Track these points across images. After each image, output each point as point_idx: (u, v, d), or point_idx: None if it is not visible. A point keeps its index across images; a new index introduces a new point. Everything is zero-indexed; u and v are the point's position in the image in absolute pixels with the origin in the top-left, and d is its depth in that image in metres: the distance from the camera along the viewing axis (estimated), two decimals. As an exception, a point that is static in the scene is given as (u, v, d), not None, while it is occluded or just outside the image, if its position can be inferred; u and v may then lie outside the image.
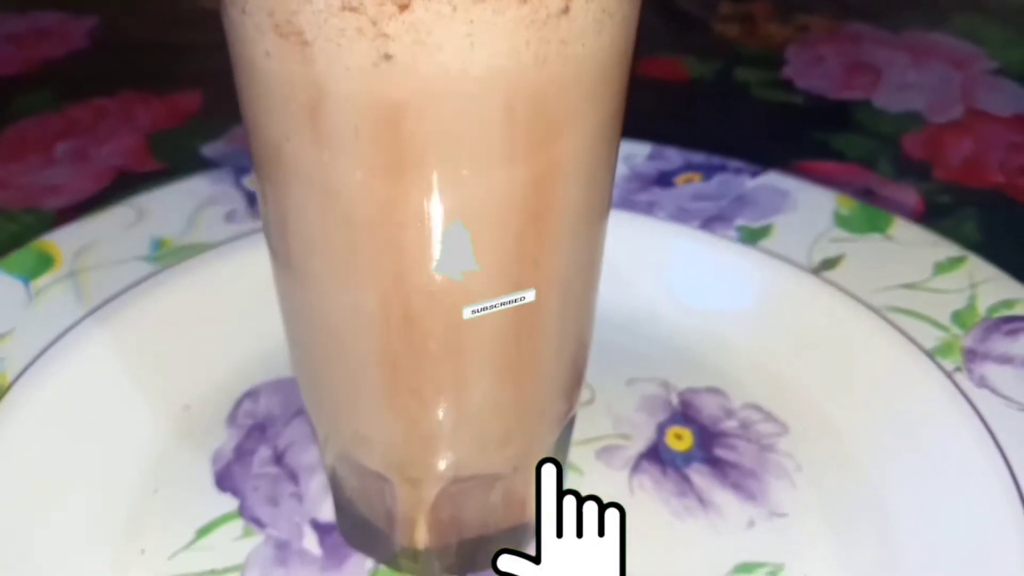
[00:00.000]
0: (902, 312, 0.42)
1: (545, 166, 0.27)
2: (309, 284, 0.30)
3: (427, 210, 0.27)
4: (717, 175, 0.51)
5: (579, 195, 0.29)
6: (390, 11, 0.23)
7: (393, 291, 0.29)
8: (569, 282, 0.31)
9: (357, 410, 0.33)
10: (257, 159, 0.29)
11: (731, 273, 0.47)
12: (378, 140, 0.25)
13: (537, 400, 0.33)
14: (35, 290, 0.44)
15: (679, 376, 0.45)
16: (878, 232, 0.46)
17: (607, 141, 0.29)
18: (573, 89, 0.26)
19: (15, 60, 0.79)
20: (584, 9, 0.25)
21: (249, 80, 0.27)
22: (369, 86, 0.24)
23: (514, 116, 0.25)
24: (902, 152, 0.65)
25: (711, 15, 0.84)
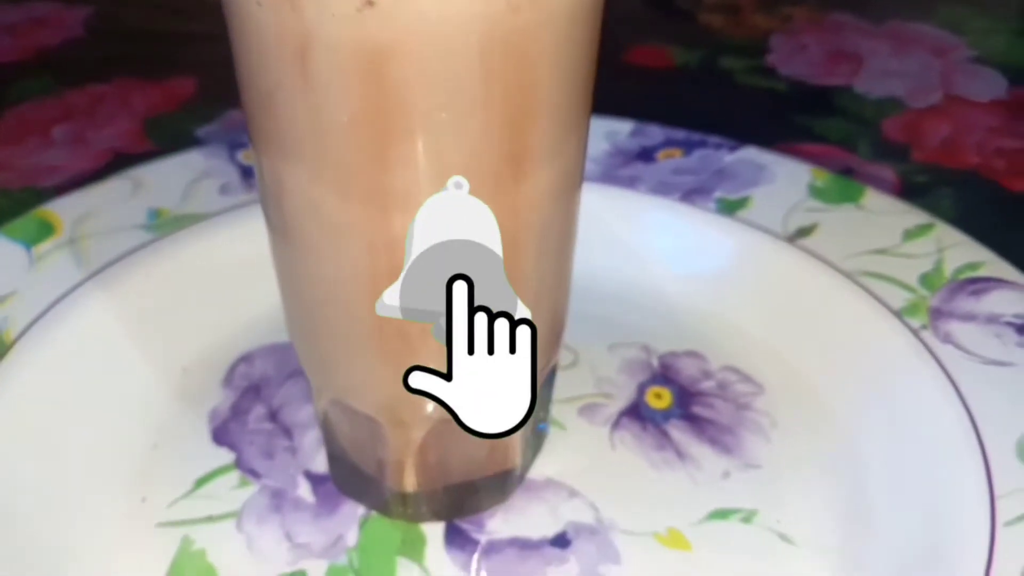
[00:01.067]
0: (872, 276, 0.44)
1: (519, 108, 0.29)
2: (302, 230, 0.32)
3: (409, 153, 0.29)
4: (697, 150, 0.53)
5: (553, 138, 0.31)
6: (377, -42, 0.25)
7: (379, 234, 0.31)
8: (545, 228, 0.33)
9: (348, 356, 0.35)
10: (250, 112, 0.31)
11: (710, 242, 0.49)
12: (363, 84, 0.28)
13: None
14: (36, 255, 0.46)
15: (659, 340, 0.47)
16: (851, 202, 0.49)
17: (580, 84, 0.31)
18: (545, 33, 0.28)
19: (11, 48, 0.81)
20: (559, -37, 0.27)
21: (242, 32, 0.29)
22: (353, 32, 0.27)
23: (489, 60, 0.28)
24: (882, 135, 0.67)
25: (697, 5, 0.86)
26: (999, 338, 0.40)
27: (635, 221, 0.50)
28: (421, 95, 0.28)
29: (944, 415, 0.38)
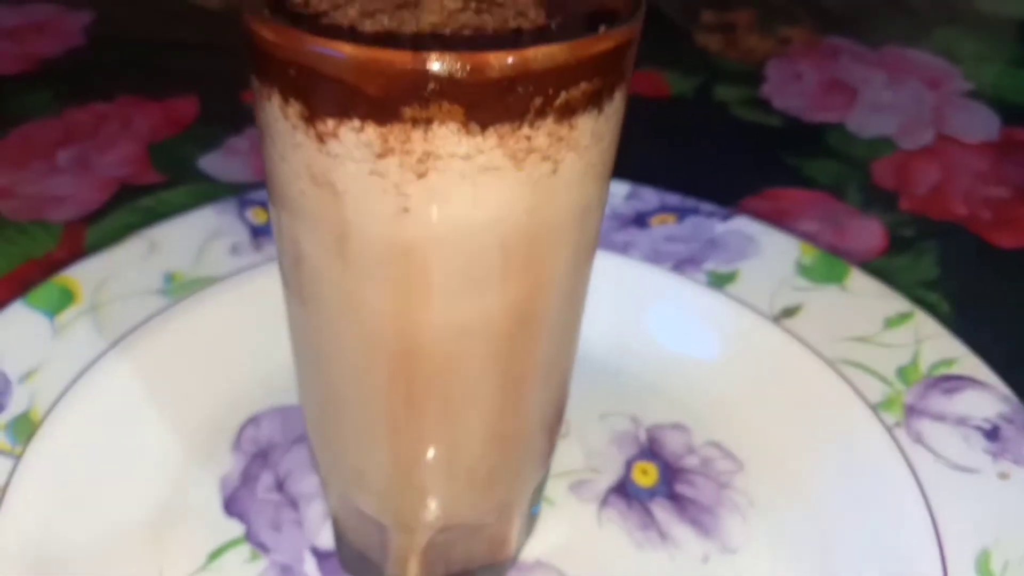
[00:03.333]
0: (853, 365, 0.49)
1: (533, 280, 0.33)
2: (327, 361, 0.37)
3: (431, 320, 0.33)
4: (690, 217, 0.57)
5: (562, 299, 0.35)
6: (410, 178, 0.29)
7: (399, 374, 0.35)
8: (551, 364, 0.37)
9: (357, 449, 0.39)
10: (285, 265, 0.35)
11: (699, 317, 0.53)
12: (395, 266, 0.32)
13: (520, 440, 0.40)
14: (59, 324, 0.50)
15: (648, 411, 0.52)
16: (836, 283, 0.53)
17: (586, 260, 0.35)
18: (559, 227, 0.32)
19: (12, 57, 0.84)
20: (571, 168, 0.31)
21: (283, 203, 0.33)
22: (389, 229, 0.31)
23: (507, 251, 0.32)
24: (871, 179, 0.71)
25: (693, 24, 0.90)
26: (967, 441, 0.45)
27: (629, 290, 0.54)
28: (446, 275, 0.32)
29: (910, 520, 0.42)
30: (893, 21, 0.92)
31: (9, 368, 0.48)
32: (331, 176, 0.30)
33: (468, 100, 0.28)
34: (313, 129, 0.29)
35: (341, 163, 0.29)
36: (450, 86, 0.27)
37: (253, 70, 0.31)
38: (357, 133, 0.29)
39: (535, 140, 0.29)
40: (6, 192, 0.68)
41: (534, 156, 0.29)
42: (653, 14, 0.85)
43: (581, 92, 0.29)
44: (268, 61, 0.29)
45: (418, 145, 0.28)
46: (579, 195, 0.32)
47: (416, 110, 0.28)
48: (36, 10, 0.90)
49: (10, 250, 0.62)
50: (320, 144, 0.29)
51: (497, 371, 0.36)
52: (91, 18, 0.89)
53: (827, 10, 0.92)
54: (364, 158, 0.29)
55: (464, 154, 0.29)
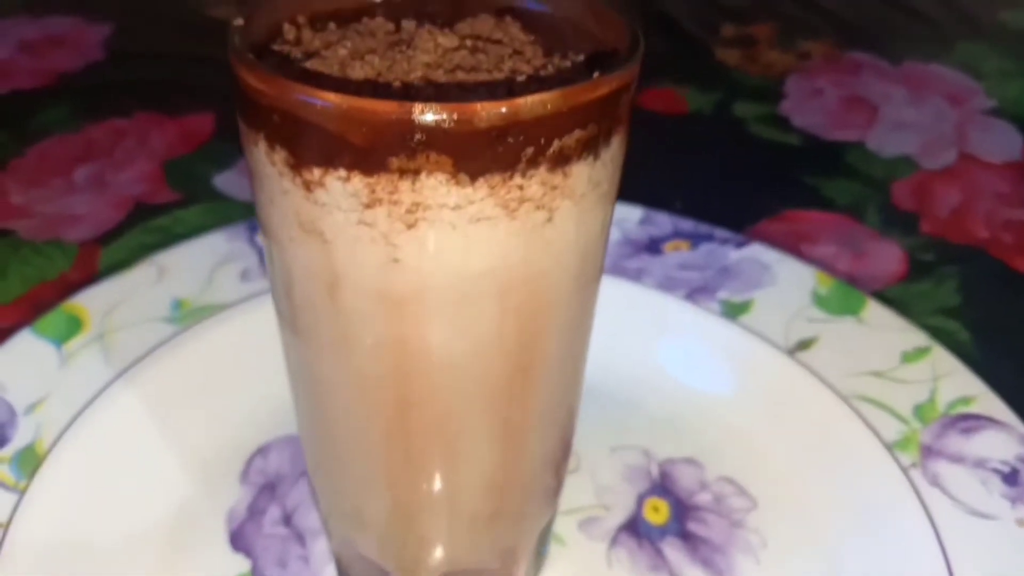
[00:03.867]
0: (868, 401, 0.47)
1: (532, 331, 0.32)
2: (323, 406, 0.35)
3: (426, 369, 0.31)
4: (704, 244, 0.56)
5: (562, 347, 0.33)
6: (399, 228, 0.28)
7: (395, 424, 0.33)
8: (551, 412, 0.36)
9: (356, 493, 0.38)
10: (281, 312, 0.34)
11: (713, 348, 0.51)
12: (387, 317, 0.30)
13: (524, 484, 0.38)
14: (67, 353, 0.49)
15: (660, 445, 0.50)
16: (852, 314, 0.51)
17: (588, 301, 0.34)
18: (556, 275, 0.31)
19: (32, 72, 0.83)
20: (567, 216, 0.29)
21: (274, 245, 0.31)
22: (380, 279, 0.29)
23: (503, 300, 0.30)
24: (891, 200, 0.69)
25: (713, 38, 0.87)
26: (984, 485, 0.43)
27: (642, 319, 0.53)
28: (440, 328, 0.30)
29: (925, 568, 0.40)
30: (914, 35, 0.89)
31: (15, 399, 0.47)
32: (319, 225, 0.28)
33: (456, 151, 0.26)
34: (299, 177, 0.28)
35: (329, 212, 0.28)
36: (437, 136, 0.26)
37: (240, 113, 0.29)
38: (343, 183, 0.27)
39: (528, 190, 0.27)
40: (23, 211, 0.67)
41: (527, 205, 0.28)
42: (671, 27, 0.83)
43: (575, 140, 0.28)
44: (253, 106, 0.28)
45: (406, 196, 0.27)
46: (577, 242, 0.30)
47: (403, 161, 0.26)
48: (56, 23, 0.90)
49: (25, 271, 0.61)
50: (307, 192, 0.28)
51: (497, 419, 0.34)
52: (111, 31, 0.88)
53: (848, 23, 0.89)
54: (351, 208, 0.27)
55: (454, 205, 0.27)
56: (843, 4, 0.93)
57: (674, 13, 0.92)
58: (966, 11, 0.92)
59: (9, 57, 0.85)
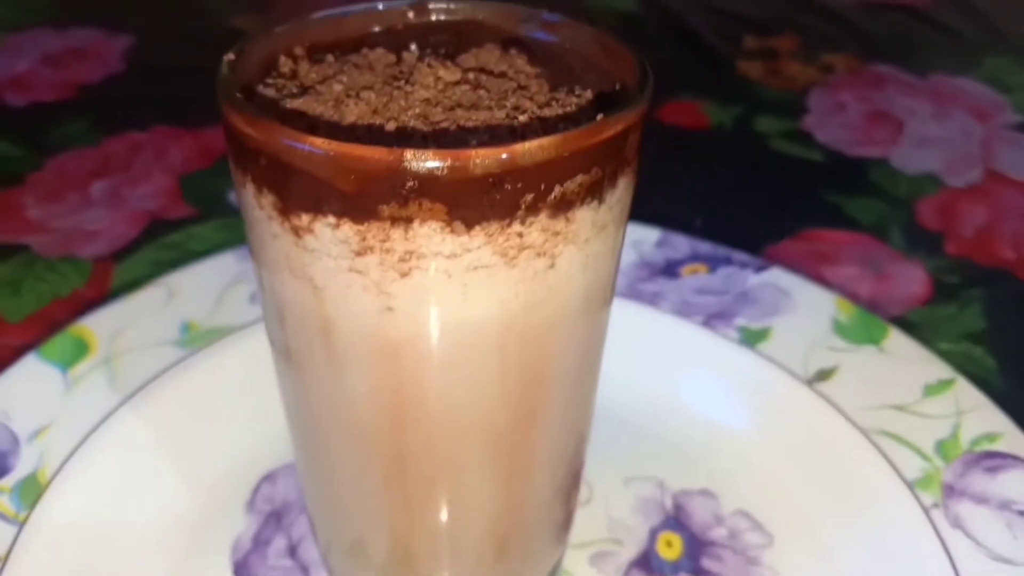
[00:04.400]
0: (890, 436, 0.45)
1: (534, 379, 0.30)
2: (318, 451, 0.33)
3: (423, 418, 0.30)
4: (722, 268, 0.54)
5: (566, 393, 0.32)
6: (392, 277, 0.26)
7: (393, 472, 0.32)
8: (556, 459, 0.34)
9: (355, 532, 0.36)
10: (272, 334, 0.32)
11: (730, 377, 0.49)
12: (381, 365, 0.28)
13: (529, 525, 0.36)
14: (72, 378, 0.47)
15: (674, 476, 0.48)
16: (874, 344, 0.49)
17: (595, 341, 0.32)
18: (560, 321, 0.29)
19: (52, 84, 0.82)
20: (570, 262, 0.27)
21: (266, 286, 0.30)
22: (373, 328, 0.27)
23: (504, 348, 0.28)
24: (915, 219, 0.66)
25: (735, 50, 0.85)
26: (1010, 529, 0.41)
27: (658, 345, 0.51)
28: (437, 377, 0.28)
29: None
30: (940, 48, 0.87)
31: (19, 426, 0.45)
32: (309, 271, 0.27)
33: (451, 199, 0.24)
34: (288, 222, 0.26)
35: (319, 258, 0.26)
36: (430, 184, 0.24)
37: (229, 152, 0.28)
38: (333, 229, 0.25)
39: (528, 237, 0.26)
40: (39, 226, 0.66)
41: (527, 253, 0.26)
42: (693, 39, 0.81)
43: (578, 185, 0.26)
44: (241, 148, 0.26)
45: (399, 244, 0.25)
46: (581, 287, 0.28)
47: (394, 209, 0.24)
48: (78, 35, 0.89)
49: (38, 288, 0.60)
50: (296, 238, 0.26)
51: (500, 465, 0.32)
52: (132, 42, 0.87)
53: (872, 35, 0.87)
54: (342, 255, 0.26)
55: (449, 253, 0.25)
56: (867, 16, 0.91)
57: (696, 24, 0.90)
58: (993, 24, 0.90)
59: (31, 69, 0.84)
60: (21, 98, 0.80)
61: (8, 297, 0.59)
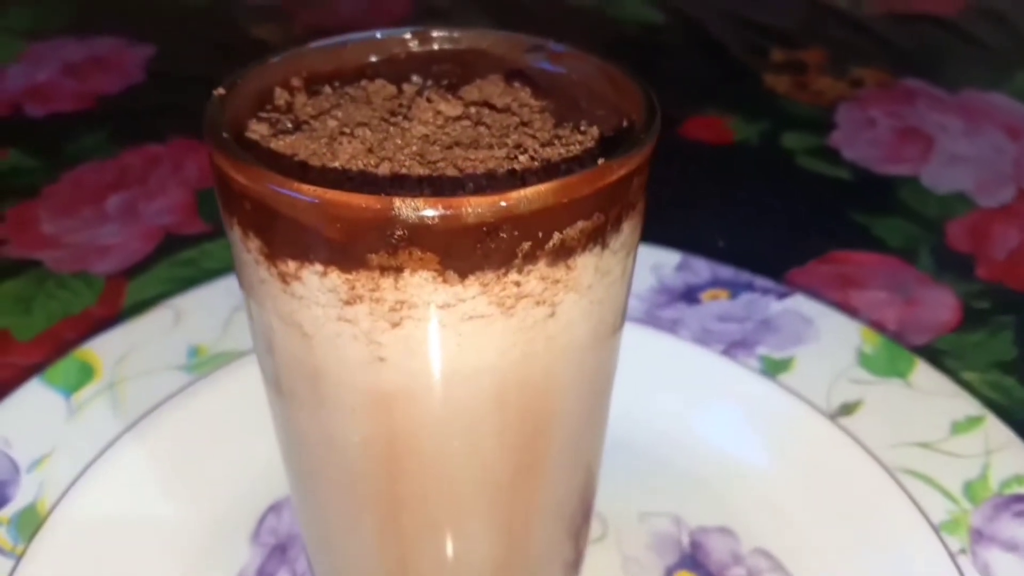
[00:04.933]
0: (915, 475, 0.43)
1: (535, 429, 0.28)
2: (311, 485, 0.32)
3: (418, 469, 0.28)
4: (744, 294, 0.52)
5: (570, 443, 0.30)
6: (383, 327, 0.24)
7: (388, 525, 0.30)
8: (565, 496, 0.32)
9: (350, 567, 0.35)
10: (265, 378, 0.31)
11: (751, 409, 0.47)
12: (373, 414, 0.27)
13: (535, 559, 0.35)
14: (76, 404, 0.46)
15: (691, 511, 0.46)
16: (900, 377, 0.47)
17: (601, 391, 0.30)
18: (562, 370, 0.27)
19: (72, 94, 0.81)
20: (572, 307, 0.26)
21: (257, 332, 0.28)
22: (364, 378, 0.26)
23: (502, 400, 0.27)
24: (945, 240, 0.64)
25: (761, 63, 0.83)
26: (1041, 579, 0.39)
27: (675, 374, 0.49)
28: (432, 428, 0.27)
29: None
30: (971, 62, 0.84)
31: (19, 454, 0.44)
32: (297, 317, 0.25)
33: (443, 248, 0.23)
34: (275, 268, 0.25)
35: (307, 306, 0.25)
36: (421, 233, 0.22)
37: (217, 192, 0.26)
38: (320, 277, 0.24)
39: (526, 286, 0.24)
40: (53, 241, 0.65)
41: (526, 302, 0.24)
42: (719, 51, 0.78)
43: (579, 231, 0.24)
44: (227, 189, 0.25)
45: (389, 294, 0.24)
46: (585, 334, 0.27)
47: (384, 258, 0.23)
48: (100, 43, 0.88)
49: (50, 305, 0.59)
50: (283, 284, 0.25)
51: (501, 515, 0.31)
52: (153, 52, 0.86)
53: (902, 49, 0.85)
54: (330, 303, 0.24)
55: (443, 303, 0.24)
56: (897, 29, 0.88)
57: (721, 36, 0.88)
58: (1027, 36, 0.87)
59: (51, 79, 0.84)
60: (40, 108, 0.80)
61: (18, 315, 0.58)
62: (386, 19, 0.91)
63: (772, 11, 0.92)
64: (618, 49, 0.86)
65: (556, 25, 0.92)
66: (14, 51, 0.87)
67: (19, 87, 0.82)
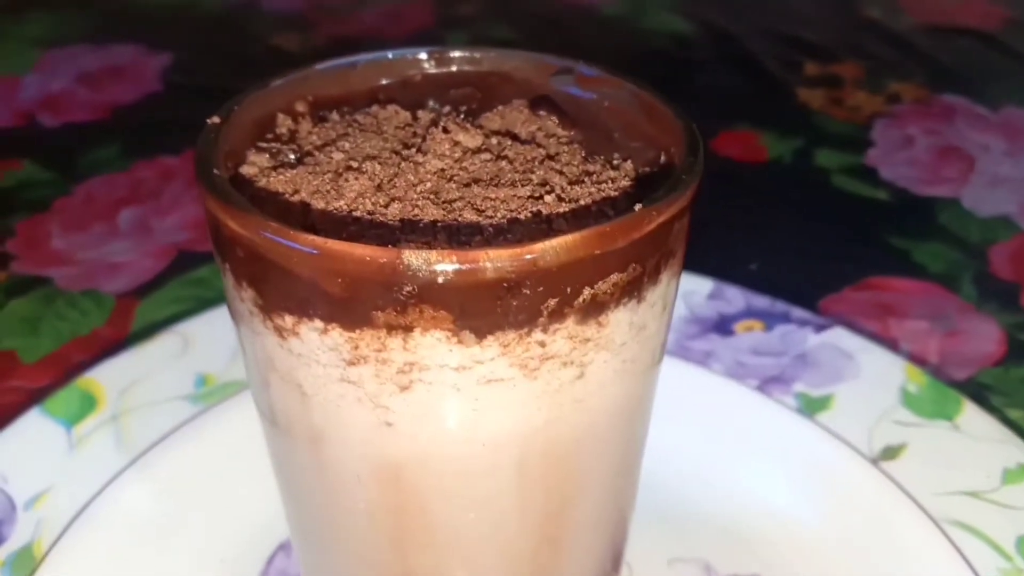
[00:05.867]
0: (963, 527, 0.40)
1: (560, 499, 0.25)
2: (314, 545, 0.29)
3: (430, 543, 0.25)
4: (779, 325, 0.49)
5: (597, 512, 0.27)
6: (391, 390, 0.21)
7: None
8: (594, 562, 0.29)
9: None
10: (268, 442, 0.28)
11: (787, 450, 0.44)
12: (378, 484, 0.24)
13: None
14: (76, 437, 0.44)
15: (722, 559, 0.43)
16: (946, 419, 0.43)
17: (634, 450, 0.27)
18: (591, 434, 0.24)
19: (87, 104, 0.79)
20: (603, 367, 0.23)
21: (255, 388, 0.26)
22: (369, 443, 0.23)
23: (523, 468, 0.24)
24: (988, 267, 0.61)
25: (795, 77, 0.80)
26: (1103, 648, 0.36)
27: (707, 411, 0.46)
28: (445, 499, 0.24)
29: None
30: (1013, 78, 0.81)
31: (16, 491, 0.42)
32: (296, 375, 0.22)
33: (459, 305, 0.20)
34: (271, 321, 0.22)
35: (306, 364, 0.22)
36: (434, 289, 0.20)
37: (209, 232, 0.23)
38: (321, 335, 0.21)
39: (552, 346, 0.21)
40: (63, 258, 0.63)
41: (551, 363, 0.21)
42: (750, 64, 0.75)
43: (612, 285, 0.21)
44: (218, 233, 0.22)
45: (397, 354, 0.21)
46: (616, 396, 0.24)
47: (391, 316, 0.20)
48: (117, 52, 0.86)
49: (58, 326, 0.57)
50: (280, 339, 0.22)
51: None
52: (170, 61, 0.84)
53: (941, 64, 0.81)
54: (332, 363, 0.21)
55: (458, 365, 0.21)
56: (936, 42, 0.85)
57: (753, 48, 0.84)
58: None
59: (67, 88, 0.82)
60: (55, 119, 0.78)
61: (26, 336, 0.56)
62: (409, 28, 0.88)
63: (805, 22, 0.89)
64: (646, 61, 0.83)
65: (583, 36, 0.89)
66: (30, 60, 0.85)
67: (33, 97, 0.80)
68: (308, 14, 0.94)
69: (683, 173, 0.23)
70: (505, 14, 0.89)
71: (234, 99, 0.25)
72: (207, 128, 0.24)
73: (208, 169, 0.22)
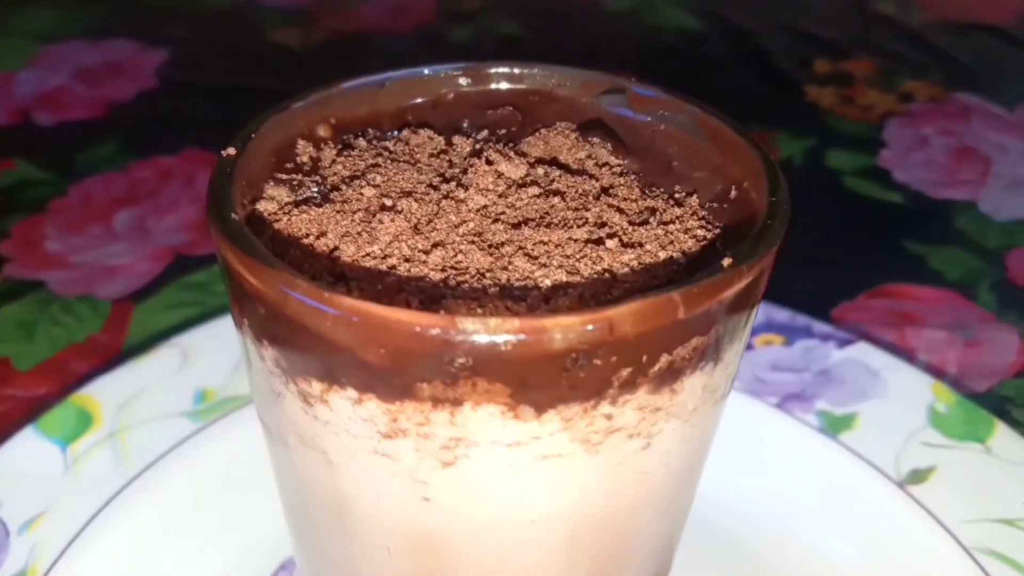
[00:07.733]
0: (996, 556, 0.37)
1: (608, 567, 0.22)
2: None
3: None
4: (800, 340, 0.46)
5: (647, 566, 0.24)
6: (432, 465, 0.18)
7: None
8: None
9: None
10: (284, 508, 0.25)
11: (807, 471, 0.42)
12: (413, 558, 0.21)
13: None
14: (73, 456, 0.41)
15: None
16: (977, 441, 0.41)
17: (683, 515, 0.24)
18: (649, 506, 0.21)
19: (83, 102, 0.75)
20: (670, 436, 0.20)
21: (272, 447, 0.22)
22: (403, 518, 0.20)
23: (575, 543, 0.21)
24: (1007, 275, 0.58)
25: (805, 74, 0.77)
26: None
27: (722, 430, 0.43)
28: (485, 574, 0.21)
29: None
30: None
31: (9, 515, 0.39)
32: (321, 443, 0.19)
33: (518, 378, 0.17)
34: (295, 384, 0.18)
35: (334, 432, 0.19)
36: (490, 360, 0.16)
37: (223, 278, 0.20)
38: (354, 404, 0.18)
39: (619, 418, 0.18)
40: (58, 261, 0.59)
41: (617, 436, 0.18)
42: (759, 60, 0.71)
43: (691, 350, 0.18)
44: (235, 285, 0.19)
45: (442, 429, 0.18)
46: (679, 463, 0.21)
47: (438, 388, 0.17)
48: (114, 47, 0.82)
49: (53, 332, 0.54)
50: (306, 405, 0.19)
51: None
52: (166, 57, 0.80)
53: (956, 61, 0.78)
54: (365, 434, 0.18)
55: (512, 441, 0.18)
56: (950, 38, 0.82)
57: (762, 43, 0.81)
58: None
59: (63, 84, 0.78)
60: (50, 117, 0.74)
61: (20, 342, 0.53)
62: (411, 23, 0.85)
63: (815, 18, 0.85)
64: (655, 58, 0.80)
65: (590, 31, 0.85)
66: (26, 55, 0.81)
67: (29, 93, 0.76)
68: (309, 9, 0.90)
69: (771, 218, 0.19)
70: (510, 9, 0.86)
71: (251, 125, 0.22)
72: (222, 162, 0.21)
73: (224, 212, 0.19)
